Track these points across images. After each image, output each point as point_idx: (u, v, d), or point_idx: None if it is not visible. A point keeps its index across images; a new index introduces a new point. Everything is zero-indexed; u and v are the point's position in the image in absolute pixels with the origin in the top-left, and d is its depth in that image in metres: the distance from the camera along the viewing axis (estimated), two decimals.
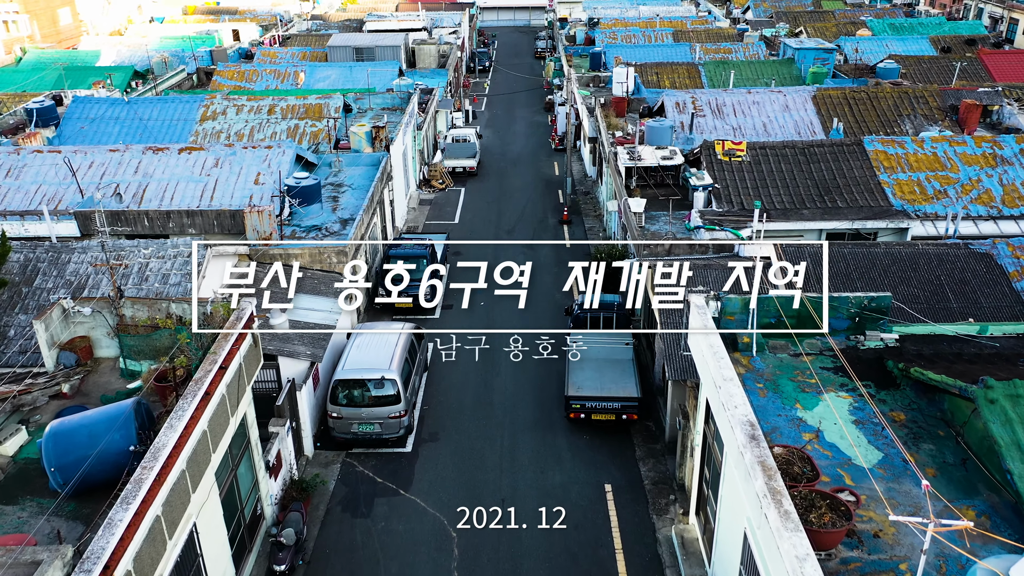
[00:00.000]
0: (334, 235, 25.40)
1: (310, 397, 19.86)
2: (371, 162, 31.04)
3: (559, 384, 22.42)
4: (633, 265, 16.42)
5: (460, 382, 23.03)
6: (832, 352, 14.11)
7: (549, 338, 24.93)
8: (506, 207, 37.68)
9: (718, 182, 26.54)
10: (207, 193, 26.68)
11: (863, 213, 25.10)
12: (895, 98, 34.18)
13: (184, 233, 25.22)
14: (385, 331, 21.91)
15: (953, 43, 54.65)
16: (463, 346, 25.00)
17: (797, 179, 26.64)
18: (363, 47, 53.15)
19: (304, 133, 33.59)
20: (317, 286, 23.08)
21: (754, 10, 75.49)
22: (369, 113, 38.03)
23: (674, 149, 29.11)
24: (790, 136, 32.68)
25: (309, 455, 19.66)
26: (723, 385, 12.04)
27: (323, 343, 20.50)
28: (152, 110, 34.64)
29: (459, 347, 24.88)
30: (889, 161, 27.03)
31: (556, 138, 49.15)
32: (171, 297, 16.11)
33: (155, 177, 27.18)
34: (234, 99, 35.10)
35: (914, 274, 19.41)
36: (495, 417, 21.19)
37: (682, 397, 18.14)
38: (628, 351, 22.02)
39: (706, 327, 13.52)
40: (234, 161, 27.70)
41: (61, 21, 78.86)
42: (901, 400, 12.90)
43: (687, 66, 47.27)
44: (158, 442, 10.83)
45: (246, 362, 14.20)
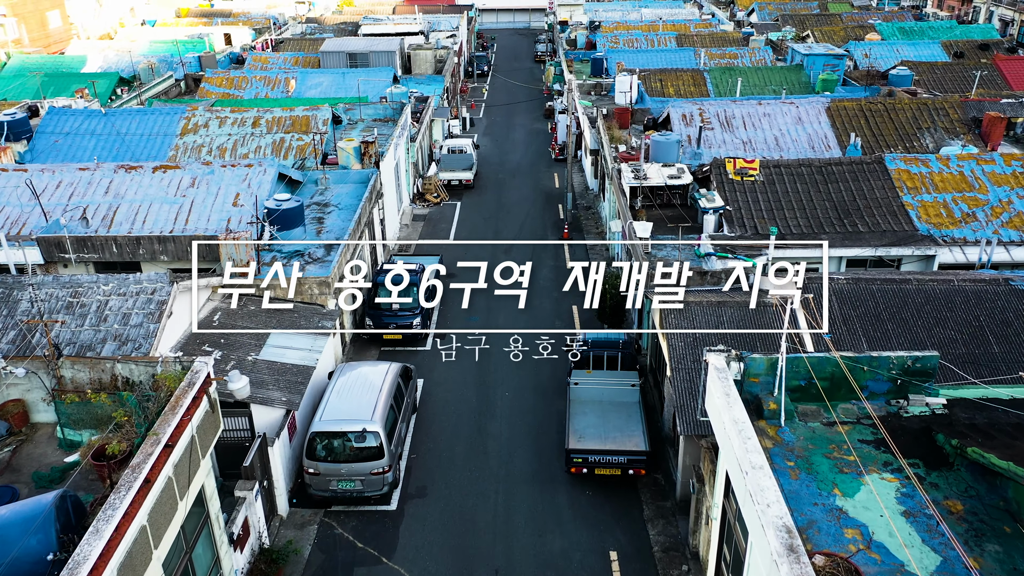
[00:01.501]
0: (317, 262, 23.60)
1: (285, 449, 18.07)
2: (360, 179, 29.25)
3: (559, 428, 20.65)
4: (633, 265, 15.45)
5: (452, 425, 21.23)
6: (871, 421, 12.31)
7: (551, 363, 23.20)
8: (504, 223, 35.89)
9: (729, 203, 24.75)
10: (182, 216, 24.90)
11: (886, 238, 23.30)
12: (914, 110, 32.37)
13: (155, 260, 23.46)
14: (370, 370, 20.09)
15: (966, 48, 52.82)
16: (457, 382, 23.25)
17: (814, 200, 24.84)
18: (357, 52, 51.36)
19: (290, 147, 31.79)
20: (297, 321, 21.31)
21: (759, 13, 73.64)
22: (360, 125, 36.23)
23: (682, 167, 27.30)
24: (803, 150, 30.88)
25: (283, 514, 17.87)
26: (751, 473, 10.25)
27: (301, 387, 18.71)
28: (130, 123, 32.83)
29: (453, 385, 23.11)
30: (912, 181, 25.24)
31: (556, 147, 47.37)
32: (116, 356, 14.33)
33: (127, 198, 25.39)
34: (217, 111, 33.30)
35: (950, 314, 17.62)
36: (489, 468, 19.39)
37: (695, 455, 16.35)
38: (634, 393, 20.22)
39: (728, 395, 11.71)
40: (212, 181, 25.91)
41: (50, 24, 76.99)
42: (956, 485, 11.11)
43: (692, 73, 45.50)
44: (79, 553, 9.07)
45: (201, 432, 12.42)
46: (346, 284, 15.25)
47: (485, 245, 33.52)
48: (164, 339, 18.49)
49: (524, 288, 15.21)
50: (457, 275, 14.34)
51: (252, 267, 22.14)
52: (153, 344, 17.38)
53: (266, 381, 18.65)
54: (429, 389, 22.81)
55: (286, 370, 19.24)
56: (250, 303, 21.70)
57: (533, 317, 27.05)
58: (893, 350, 17.14)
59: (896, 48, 51.51)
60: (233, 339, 20.00)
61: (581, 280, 15.38)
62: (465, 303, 13.91)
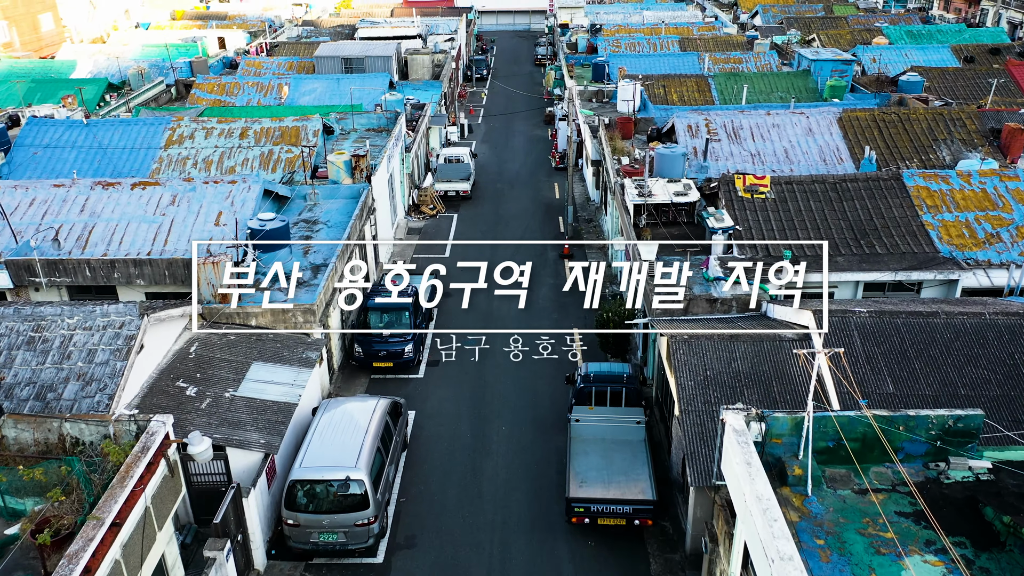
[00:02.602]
0: (303, 285, 22.24)
1: (263, 497, 16.74)
2: (350, 194, 27.92)
3: (559, 467, 19.32)
4: (633, 265, 15.57)
5: (445, 463, 19.89)
6: (908, 489, 10.97)
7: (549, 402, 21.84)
8: (502, 237, 34.55)
9: (739, 223, 23.42)
10: (161, 236, 23.56)
11: (906, 261, 21.96)
12: (929, 121, 31.02)
13: (131, 284, 22.15)
14: (357, 407, 18.73)
15: (976, 52, 51.44)
16: (451, 415, 21.91)
17: (829, 220, 23.50)
18: (352, 57, 49.99)
19: (279, 160, 30.46)
20: (280, 352, 19.98)
21: (762, 15, 72.25)
22: (352, 135, 34.90)
23: (688, 183, 25.96)
24: (815, 163, 29.53)
25: (260, 569, 16.53)
26: (778, 563, 8.92)
27: (281, 427, 17.38)
28: (113, 134, 31.50)
29: (447, 418, 21.78)
30: (932, 199, 23.90)
31: (556, 155, 46.02)
32: (64, 414, 13.00)
33: (103, 217, 24.07)
34: (203, 121, 31.98)
35: (982, 351, 16.28)
36: (484, 513, 18.05)
37: (707, 507, 15.02)
38: (640, 431, 18.88)
39: (749, 465, 10.37)
40: (193, 198, 24.58)
41: (43, 27, 75.59)
42: (1011, 570, 9.77)
43: (696, 78, 44.18)
44: None
45: (158, 502, 11.10)
46: (345, 284, 15.69)
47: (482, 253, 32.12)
48: (134, 376, 17.18)
49: (524, 288, 15.89)
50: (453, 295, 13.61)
51: (233, 294, 20.95)
52: (119, 384, 16.05)
53: (244, 421, 17.33)
54: (421, 422, 21.48)
55: (266, 408, 17.91)
56: (230, 332, 20.40)
57: (530, 339, 25.70)
58: (921, 390, 15.89)
59: (905, 52, 50.16)
60: (210, 373, 18.68)
61: (581, 280, 15.70)
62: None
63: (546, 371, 23.82)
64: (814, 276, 21.37)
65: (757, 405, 16.09)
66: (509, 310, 28.58)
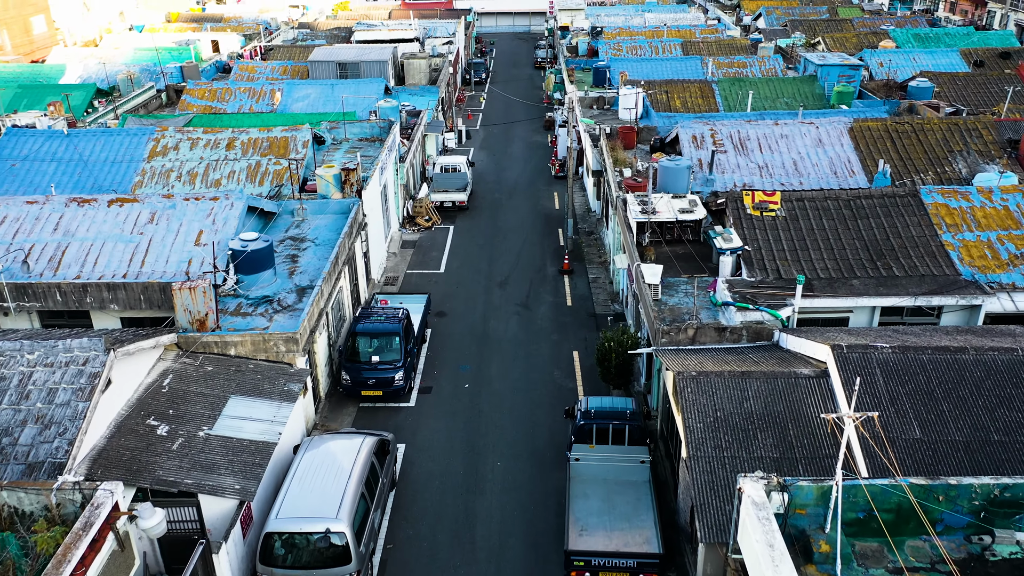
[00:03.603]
0: (287, 310, 21.03)
1: (237, 548, 15.51)
2: (340, 210, 26.70)
3: (557, 509, 18.09)
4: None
5: (436, 504, 18.65)
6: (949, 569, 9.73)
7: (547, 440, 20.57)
8: (499, 251, 33.30)
9: (748, 242, 22.16)
10: (138, 256, 22.33)
11: (925, 284, 20.71)
12: (944, 131, 29.77)
13: (104, 309, 20.92)
14: (340, 447, 17.48)
15: (985, 57, 50.20)
16: (443, 448, 20.66)
17: (843, 239, 22.25)
18: (347, 62, 48.77)
19: (266, 172, 29.23)
20: (260, 384, 18.73)
21: (766, 18, 71.02)
22: (344, 145, 33.66)
23: (694, 199, 24.71)
24: (825, 176, 28.29)
25: None
26: None
27: (258, 470, 16.13)
28: (94, 145, 30.27)
29: (439, 452, 20.53)
30: (952, 217, 22.66)
31: (556, 163, 44.79)
32: (2, 482, 11.74)
33: (78, 236, 22.84)
34: (188, 132, 30.75)
35: (1015, 391, 15.03)
36: (477, 564, 16.79)
37: (718, 567, 13.77)
38: (644, 471, 17.64)
39: (772, 547, 9.12)
40: (172, 216, 23.36)
41: (35, 30, 74.40)
42: None
43: (699, 84, 42.94)
44: None
45: None
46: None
47: (478, 276, 30.93)
48: (100, 415, 15.96)
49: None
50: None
51: (210, 318, 19.75)
52: (81, 428, 14.82)
53: (218, 464, 16.10)
54: (411, 457, 20.24)
55: (242, 448, 16.67)
56: (207, 362, 19.18)
57: (530, 364, 24.49)
58: (950, 435, 14.64)
59: (913, 57, 48.93)
60: (184, 409, 17.45)
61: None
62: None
63: (545, 398, 22.60)
64: (830, 302, 20.30)
65: (772, 449, 14.90)
66: (506, 330, 27.52)
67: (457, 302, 28.65)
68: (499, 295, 29.14)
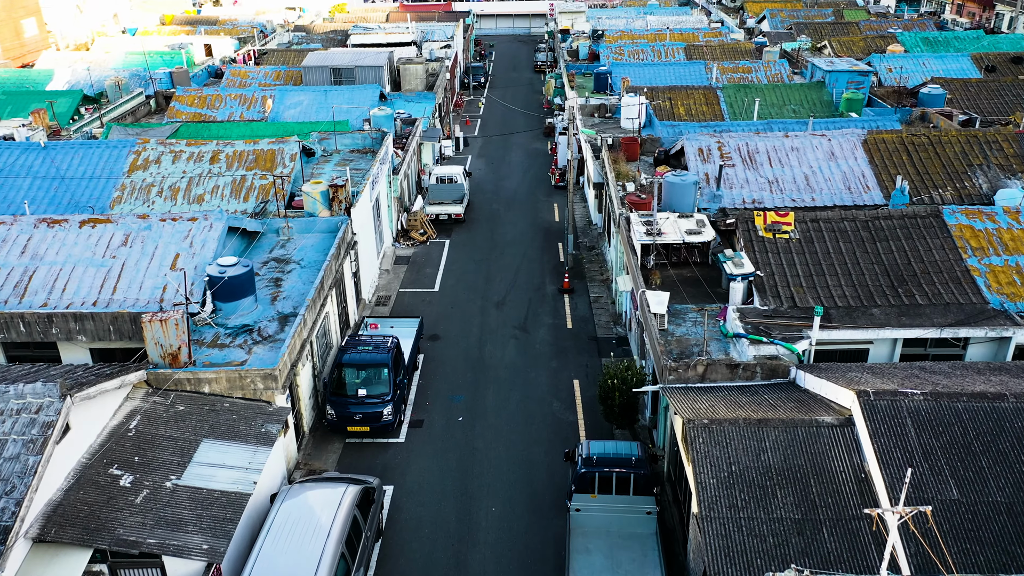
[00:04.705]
0: (267, 341, 19.67)
1: None
2: (328, 228, 25.34)
3: (556, 563, 16.69)
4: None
5: (425, 557, 17.21)
6: None
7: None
8: (497, 268, 31.90)
9: (760, 267, 20.79)
10: (109, 282, 20.97)
11: (951, 313, 19.32)
12: (962, 143, 28.38)
13: (72, 340, 19.54)
14: (321, 498, 16.07)
15: (997, 61, 48.86)
16: (434, 491, 19.26)
17: (862, 264, 20.87)
18: (341, 67, 47.40)
19: (252, 187, 27.85)
20: (235, 426, 17.35)
21: (770, 20, 69.63)
22: (335, 157, 32.29)
23: (702, 219, 23.32)
24: (838, 192, 26.92)
25: None
26: None
27: (228, 527, 14.76)
28: (72, 158, 28.92)
29: (429, 495, 19.13)
30: (977, 239, 21.27)
31: (556, 172, 43.40)
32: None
33: (47, 259, 21.49)
34: (171, 145, 29.37)
35: None
36: None
37: None
38: (651, 523, 16.26)
39: None
40: (147, 238, 21.99)
41: (26, 33, 72.99)
42: None
43: (704, 90, 41.60)
44: None
45: None
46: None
47: (474, 295, 29.53)
48: (56, 466, 14.64)
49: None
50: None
51: (183, 352, 18.38)
52: (31, 486, 13.44)
53: (185, 519, 14.73)
54: (400, 501, 18.83)
55: (213, 501, 15.30)
56: (179, 401, 17.80)
57: (527, 394, 23.11)
58: (991, 495, 13.25)
59: (923, 62, 47.58)
60: (151, 456, 16.08)
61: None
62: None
63: (543, 434, 21.21)
64: (850, 334, 18.91)
65: (793, 509, 13.51)
66: (503, 356, 26.12)
67: (451, 324, 27.26)
68: (496, 316, 27.74)
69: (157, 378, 17.85)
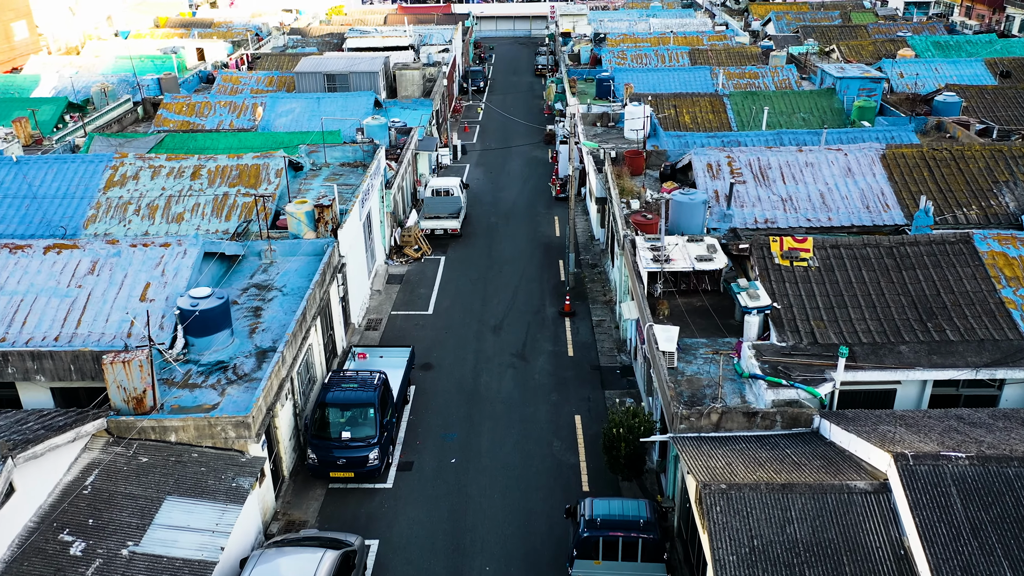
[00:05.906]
0: (242, 380, 18.11)
1: None
2: (313, 251, 23.79)
3: None
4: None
5: None
6: None
7: None
8: (494, 287, 30.31)
9: (778, 298, 19.20)
10: (74, 314, 19.42)
11: (985, 351, 17.74)
12: (987, 158, 26.80)
13: (30, 380, 17.98)
14: (296, 565, 14.52)
15: (1012, 67, 47.23)
16: (423, 546, 17.68)
17: (887, 295, 19.27)
18: (335, 73, 45.78)
19: (234, 205, 26.28)
20: (203, 480, 15.78)
21: (776, 23, 68.01)
22: (324, 171, 30.72)
23: (713, 244, 21.76)
24: (856, 211, 25.34)
25: None
26: None
27: None
28: (46, 174, 27.37)
29: (418, 552, 17.53)
30: (1012, 268, 19.69)
31: (557, 182, 41.79)
32: None
33: (7, 289, 19.96)
34: (150, 159, 27.81)
35: None
36: None
37: None
38: None
39: None
40: (116, 265, 20.45)
41: (16, 36, 71.38)
42: None
43: (710, 98, 40.03)
44: None
45: None
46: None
47: (469, 318, 27.95)
48: None
49: None
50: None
51: (148, 396, 16.82)
52: None
53: None
54: (385, 559, 17.24)
55: (174, 572, 13.74)
56: (142, 451, 16.23)
57: (525, 432, 21.52)
58: None
59: (935, 67, 45.95)
60: (107, 518, 14.53)
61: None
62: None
63: (542, 479, 19.62)
64: (877, 375, 17.35)
65: None
66: (499, 388, 24.51)
67: (445, 351, 25.67)
68: (492, 343, 26.15)
69: (119, 426, 16.28)
